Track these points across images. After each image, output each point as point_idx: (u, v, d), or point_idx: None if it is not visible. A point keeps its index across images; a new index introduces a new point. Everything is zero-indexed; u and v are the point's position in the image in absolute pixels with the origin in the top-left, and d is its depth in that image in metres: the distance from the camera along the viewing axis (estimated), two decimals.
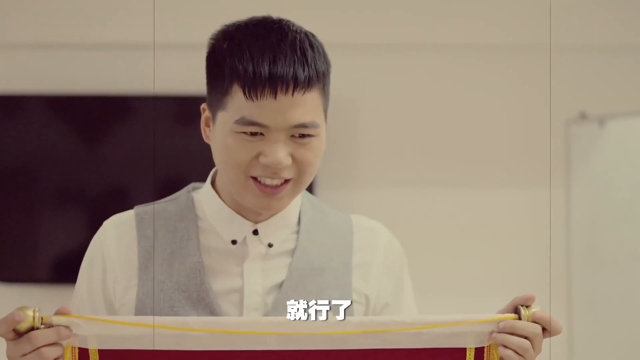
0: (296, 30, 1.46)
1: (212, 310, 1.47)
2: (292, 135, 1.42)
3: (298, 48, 1.42)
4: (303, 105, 1.41)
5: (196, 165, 3.56)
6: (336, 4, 3.64)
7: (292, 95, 1.40)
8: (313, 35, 1.48)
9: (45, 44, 3.63)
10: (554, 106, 3.70)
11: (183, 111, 3.57)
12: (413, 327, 1.37)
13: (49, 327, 1.34)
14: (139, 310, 1.48)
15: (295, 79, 1.39)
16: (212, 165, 1.57)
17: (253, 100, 1.39)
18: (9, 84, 3.60)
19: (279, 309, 1.48)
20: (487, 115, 3.72)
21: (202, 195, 1.55)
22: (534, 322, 1.41)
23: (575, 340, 3.63)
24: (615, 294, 3.51)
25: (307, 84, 1.41)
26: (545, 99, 3.68)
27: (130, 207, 1.57)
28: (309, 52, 1.43)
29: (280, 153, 1.41)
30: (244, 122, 1.41)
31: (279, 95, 1.39)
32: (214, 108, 1.47)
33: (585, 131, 3.65)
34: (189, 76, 3.58)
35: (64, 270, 3.54)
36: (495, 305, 1.48)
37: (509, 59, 3.71)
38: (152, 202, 1.57)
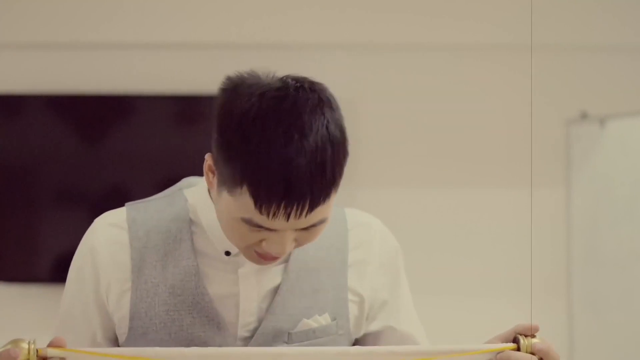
0: (317, 129, 1.31)
1: (207, 315, 1.45)
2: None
3: (318, 156, 1.30)
4: (315, 216, 1.35)
5: (196, 165, 3.55)
6: (336, 4, 3.63)
7: (305, 217, 1.33)
8: (336, 123, 1.34)
9: (45, 44, 3.63)
10: (555, 106, 3.70)
11: (183, 111, 3.57)
12: (412, 359, 1.37)
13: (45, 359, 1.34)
14: (133, 315, 1.46)
15: (312, 203, 1.31)
16: None
17: (263, 215, 1.32)
18: (9, 84, 3.60)
19: (276, 312, 1.47)
20: (487, 115, 3.72)
21: (197, 200, 1.50)
22: (533, 353, 1.39)
23: (576, 340, 3.63)
24: (615, 294, 3.51)
25: (323, 202, 1.33)
26: (546, 98, 3.68)
27: None
28: (329, 158, 1.31)
29: (287, 247, 1.37)
30: (252, 223, 1.34)
31: (292, 219, 1.32)
32: (221, 180, 1.37)
33: (586, 131, 3.65)
34: (189, 76, 3.58)
35: (65, 270, 3.53)
36: (494, 304, 1.49)
37: (509, 59, 3.71)
38: (141, 200, 1.54)
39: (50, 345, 1.35)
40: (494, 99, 3.72)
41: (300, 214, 1.31)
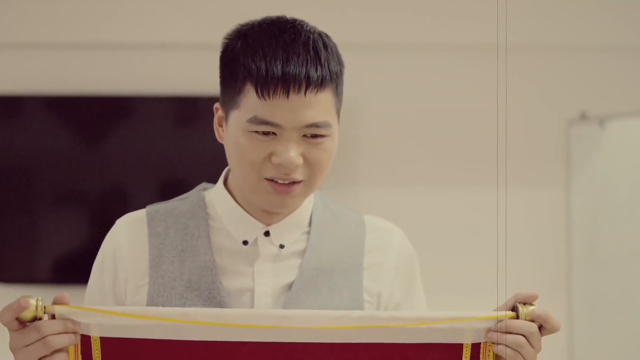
0: (310, 30, 1.46)
1: None
2: (305, 135, 1.42)
3: (311, 48, 1.42)
4: (316, 105, 1.41)
5: (195, 165, 3.55)
6: (336, 4, 3.63)
7: (305, 95, 1.40)
8: (327, 36, 1.48)
9: (45, 44, 3.63)
10: (555, 106, 3.70)
11: (183, 111, 3.58)
12: (412, 323, 1.38)
13: (52, 316, 1.36)
14: None
15: (308, 78, 1.39)
16: (214, 165, 1.57)
17: (265, 100, 1.39)
18: (9, 84, 3.60)
19: (290, 308, 1.48)
20: (487, 115, 3.72)
21: (214, 194, 1.55)
22: (532, 320, 1.41)
23: (576, 340, 3.63)
24: (615, 294, 3.51)
25: (320, 84, 1.41)
26: (545, 99, 3.69)
27: (130, 207, 1.58)
28: (322, 52, 1.43)
29: (292, 152, 1.41)
30: (256, 121, 1.40)
31: (292, 95, 1.39)
32: (227, 107, 1.46)
33: (586, 131, 3.65)
34: (189, 76, 3.58)
35: (64, 271, 3.54)
36: (494, 303, 1.48)
37: (510, 59, 3.70)
38: (160, 202, 1.57)
39: (54, 302, 1.37)
40: (494, 99, 3.72)
41: (299, 89, 1.39)
